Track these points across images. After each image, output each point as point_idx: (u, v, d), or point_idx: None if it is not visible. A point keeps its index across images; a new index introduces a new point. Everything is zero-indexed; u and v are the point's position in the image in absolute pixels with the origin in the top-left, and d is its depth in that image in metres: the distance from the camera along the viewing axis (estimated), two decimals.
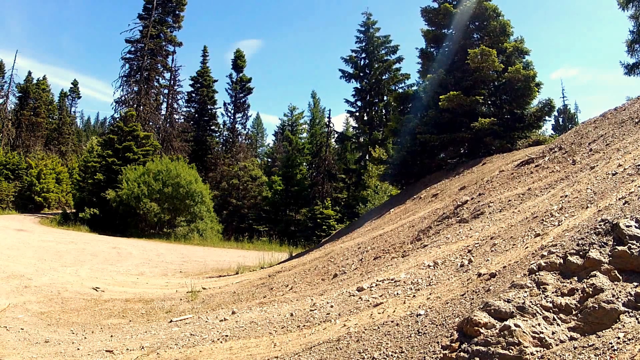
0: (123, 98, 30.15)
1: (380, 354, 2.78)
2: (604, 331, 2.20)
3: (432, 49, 14.87)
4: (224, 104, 35.97)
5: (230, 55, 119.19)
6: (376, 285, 4.39)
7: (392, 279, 4.42)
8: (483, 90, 12.73)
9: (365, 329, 3.21)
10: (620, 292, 2.32)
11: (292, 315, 4.22)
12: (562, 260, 2.66)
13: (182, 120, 35.05)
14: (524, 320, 2.35)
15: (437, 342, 2.66)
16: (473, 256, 4.17)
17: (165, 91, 33.52)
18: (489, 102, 13.40)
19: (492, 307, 2.49)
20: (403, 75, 28.44)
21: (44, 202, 33.20)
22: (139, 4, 43.02)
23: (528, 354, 2.19)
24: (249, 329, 4.10)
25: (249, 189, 31.93)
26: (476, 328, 2.42)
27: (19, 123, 40.81)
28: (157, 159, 24.46)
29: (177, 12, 32.16)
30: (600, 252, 2.56)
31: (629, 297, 2.28)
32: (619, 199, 3.36)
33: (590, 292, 2.38)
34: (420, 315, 3.13)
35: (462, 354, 2.35)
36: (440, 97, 12.13)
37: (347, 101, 30.47)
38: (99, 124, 73.44)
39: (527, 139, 12.55)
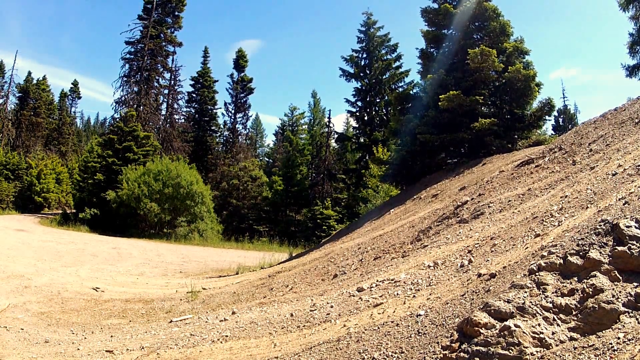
0: (123, 98, 30.18)
1: (380, 354, 2.77)
2: (604, 331, 2.20)
3: (432, 49, 14.86)
4: (225, 103, 36.11)
5: (230, 55, 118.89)
6: (376, 286, 4.39)
7: (392, 279, 4.42)
8: (483, 91, 12.73)
9: (365, 330, 3.21)
10: (620, 292, 2.32)
11: (292, 315, 4.22)
12: (562, 261, 2.66)
13: (183, 121, 35.09)
14: (524, 320, 2.35)
15: (437, 343, 2.66)
16: (473, 256, 4.17)
17: (166, 91, 33.55)
18: (489, 102, 13.39)
19: (492, 307, 2.49)
20: (403, 74, 28.45)
21: (44, 202, 33.21)
22: (139, 5, 43.16)
23: (528, 354, 2.18)
24: (249, 329, 4.10)
25: (249, 189, 31.93)
26: (476, 328, 2.42)
27: (19, 123, 40.82)
28: (157, 159, 24.45)
29: (176, 13, 32.17)
30: (600, 253, 2.56)
31: (629, 298, 2.28)
32: (619, 199, 3.36)
33: (590, 293, 2.38)
34: (420, 315, 3.13)
35: (462, 354, 2.35)
36: (440, 97, 12.12)
37: (347, 101, 30.46)
38: (99, 124, 73.37)
39: (527, 139, 12.55)
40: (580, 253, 2.63)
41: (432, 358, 2.54)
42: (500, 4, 16.37)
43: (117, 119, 28.49)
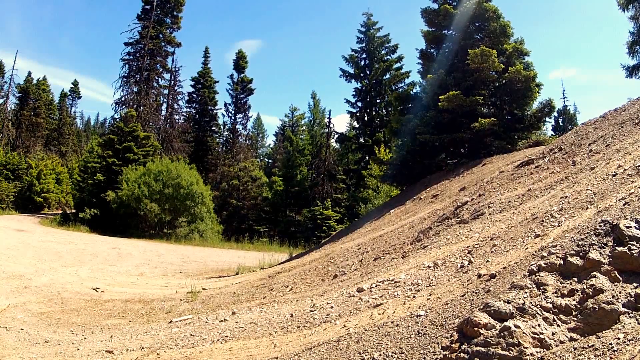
0: (123, 99, 30.18)
1: (380, 355, 2.77)
2: (603, 332, 2.20)
3: (432, 50, 14.87)
4: (225, 104, 36.13)
5: (229, 55, 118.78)
6: (376, 286, 4.39)
7: (392, 280, 4.42)
8: (483, 91, 12.73)
9: (365, 330, 3.21)
10: (620, 293, 2.32)
11: (292, 315, 4.22)
12: (562, 261, 2.66)
13: (183, 121, 35.10)
14: (524, 321, 2.35)
15: (437, 343, 2.66)
16: (473, 257, 4.17)
17: (166, 92, 33.57)
18: (489, 102, 13.39)
19: (492, 307, 2.49)
20: (403, 74, 28.44)
21: (44, 202, 33.20)
22: (138, 5, 43.18)
23: (528, 355, 2.18)
24: (249, 330, 4.10)
25: (249, 189, 31.93)
26: (476, 329, 2.42)
27: (19, 123, 40.82)
28: (158, 159, 24.46)
29: (175, 13, 32.16)
30: (600, 253, 2.56)
31: (628, 298, 2.28)
32: (619, 199, 3.36)
33: (590, 293, 2.38)
34: (420, 316, 3.13)
35: (462, 354, 2.35)
36: (440, 97, 12.13)
37: (347, 101, 30.45)
38: (99, 124, 73.38)
39: (527, 139, 12.56)
40: (580, 253, 2.63)
41: (432, 358, 2.54)
42: (500, 3, 16.36)
43: (117, 119, 28.48)
